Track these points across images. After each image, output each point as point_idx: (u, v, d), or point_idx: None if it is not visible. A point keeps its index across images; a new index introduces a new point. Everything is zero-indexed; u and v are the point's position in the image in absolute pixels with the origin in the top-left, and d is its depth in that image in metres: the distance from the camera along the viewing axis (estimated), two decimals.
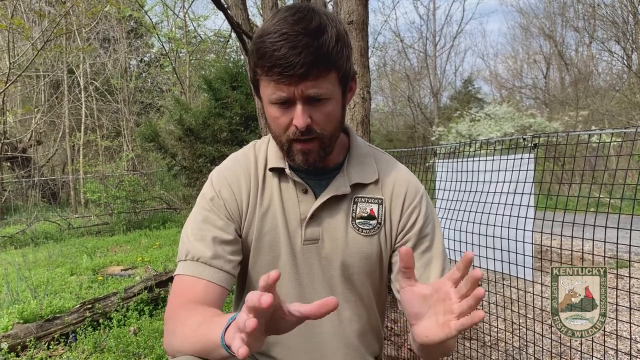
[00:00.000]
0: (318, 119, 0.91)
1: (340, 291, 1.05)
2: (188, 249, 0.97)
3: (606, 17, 15.53)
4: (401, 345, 2.79)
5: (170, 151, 7.01)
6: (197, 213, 1.02)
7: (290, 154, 0.96)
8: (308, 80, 0.85)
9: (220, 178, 1.04)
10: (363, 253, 1.03)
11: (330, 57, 0.86)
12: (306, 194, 1.03)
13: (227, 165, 1.08)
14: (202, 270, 0.94)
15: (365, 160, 1.08)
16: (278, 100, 0.89)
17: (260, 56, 0.87)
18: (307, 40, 0.84)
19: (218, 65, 7.94)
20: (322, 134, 0.93)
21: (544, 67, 20.23)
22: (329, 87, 0.89)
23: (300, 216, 1.02)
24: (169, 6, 15.02)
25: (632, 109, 14.33)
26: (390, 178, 1.07)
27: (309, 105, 0.89)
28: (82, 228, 8.86)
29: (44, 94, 14.91)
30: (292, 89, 0.86)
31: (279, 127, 0.93)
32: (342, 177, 1.04)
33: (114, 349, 2.74)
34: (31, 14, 12.20)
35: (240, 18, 3.22)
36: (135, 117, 16.29)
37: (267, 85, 0.89)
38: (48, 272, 4.98)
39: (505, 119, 12.40)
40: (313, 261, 1.03)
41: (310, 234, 1.02)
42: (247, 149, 1.10)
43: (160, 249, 6.22)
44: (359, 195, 1.04)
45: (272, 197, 1.03)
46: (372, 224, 1.03)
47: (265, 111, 0.96)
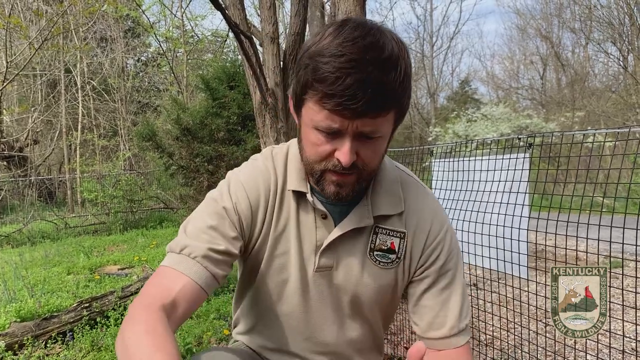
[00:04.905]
0: (364, 156, 0.83)
1: (348, 314, 1.03)
2: (186, 244, 0.89)
3: (602, 19, 15.59)
4: (397, 344, 2.80)
5: (167, 150, 7.00)
6: (206, 216, 0.93)
7: (320, 183, 0.88)
8: (366, 117, 0.77)
9: (239, 188, 0.95)
10: (377, 285, 0.99)
11: (395, 96, 0.77)
12: (325, 219, 0.96)
13: (247, 174, 0.98)
14: (191, 267, 0.87)
15: (392, 187, 0.99)
16: (326, 130, 0.80)
17: (319, 78, 0.76)
18: (377, 75, 0.73)
19: (215, 65, 7.93)
20: (363, 170, 0.85)
21: (541, 68, 20.29)
22: (385, 126, 0.81)
23: (316, 243, 0.96)
24: (167, 6, 14.99)
25: (627, 110, 14.38)
26: (415, 210, 0.99)
27: (358, 141, 0.81)
28: (79, 227, 8.84)
29: (41, 93, 14.87)
30: (346, 122, 0.77)
31: (317, 155, 0.84)
32: (365, 206, 0.96)
33: (111, 348, 2.75)
34: (28, 12, 12.17)
35: (238, 18, 3.22)
36: (132, 117, 16.25)
37: (317, 111, 0.79)
38: (45, 271, 4.97)
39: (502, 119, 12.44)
40: (324, 288, 1.00)
41: (324, 262, 0.97)
42: (266, 159, 1.00)
43: (157, 248, 6.22)
44: (381, 226, 0.97)
45: (289, 219, 0.97)
46: (391, 258, 0.98)
47: (303, 132, 0.86)
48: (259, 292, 1.03)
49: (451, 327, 0.96)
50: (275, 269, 0.98)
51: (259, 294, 1.04)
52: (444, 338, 0.97)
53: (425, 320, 0.98)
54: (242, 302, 1.12)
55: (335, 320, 1.03)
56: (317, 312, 1.01)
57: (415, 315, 1.00)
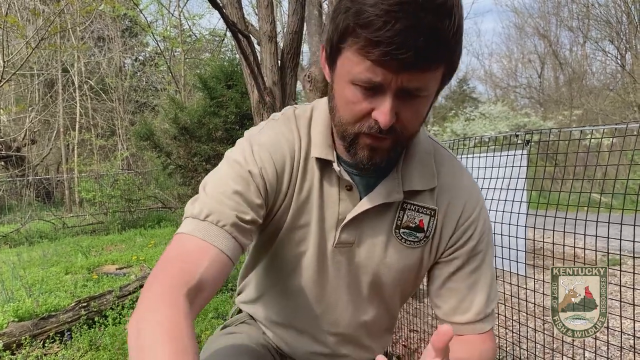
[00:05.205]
0: (405, 118, 0.74)
1: (366, 296, 0.96)
2: (211, 209, 0.79)
3: (600, 17, 15.63)
4: (395, 342, 2.81)
5: (165, 150, 7.00)
6: (231, 180, 0.82)
7: (353, 148, 0.79)
8: (414, 71, 0.67)
9: (264, 152, 0.85)
10: (401, 265, 0.92)
11: (449, 47, 0.67)
12: (350, 191, 0.87)
13: (271, 136, 0.88)
14: (218, 236, 0.77)
15: (426, 160, 0.90)
16: (366, 84, 0.70)
17: (363, 23, 0.65)
18: (431, 21, 0.63)
19: (213, 64, 7.93)
20: (401, 134, 0.76)
21: (539, 67, 20.34)
22: (433, 83, 0.72)
23: (339, 216, 0.88)
24: (164, 5, 14.97)
25: (625, 108, 14.42)
26: (449, 186, 0.91)
27: (400, 99, 0.71)
28: (77, 227, 8.83)
29: (38, 92, 14.85)
30: (390, 76, 0.67)
31: (351, 114, 0.75)
32: (395, 179, 0.87)
33: (109, 347, 2.74)
34: (25, 12, 12.14)
35: (235, 17, 3.21)
36: (130, 116, 16.24)
37: (357, 62, 0.69)
38: (43, 271, 4.96)
39: (500, 118, 12.48)
40: (342, 265, 0.92)
41: (345, 237, 0.89)
42: (289, 120, 0.90)
43: (155, 247, 6.22)
44: (410, 202, 0.88)
45: (312, 189, 0.88)
46: (418, 237, 0.90)
47: (338, 88, 0.76)
48: (273, 262, 0.97)
49: (477, 312, 0.90)
50: (294, 240, 0.91)
51: (272, 265, 0.98)
52: (469, 323, 0.91)
53: (449, 303, 0.92)
54: (253, 270, 1.06)
55: (350, 300, 0.96)
56: (332, 290, 0.95)
57: (439, 298, 0.94)
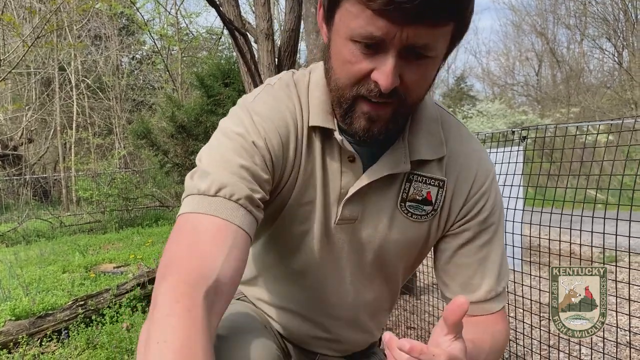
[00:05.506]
0: (409, 81, 0.66)
1: (369, 274, 0.90)
2: (222, 182, 0.68)
3: (597, 15, 15.65)
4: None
5: (162, 148, 6.99)
6: (233, 153, 0.72)
7: (349, 115, 0.71)
8: (420, 25, 0.59)
9: (266, 120, 0.75)
10: (406, 240, 0.85)
11: (461, 2, 0.60)
12: (352, 163, 0.79)
13: (270, 104, 0.78)
14: (235, 212, 0.68)
15: (433, 127, 0.82)
16: (366, 39, 0.62)
17: None
18: None
19: (210, 62, 7.90)
20: (403, 100, 0.68)
21: (536, 65, 20.37)
22: (441, 42, 0.64)
23: (340, 190, 0.80)
24: (161, 3, 14.93)
25: (622, 105, 14.46)
26: (458, 155, 0.83)
27: (404, 59, 0.63)
28: (74, 226, 8.81)
29: (35, 91, 14.80)
30: (393, 30, 0.59)
31: (349, 76, 0.67)
32: (401, 148, 0.79)
33: (106, 345, 2.74)
34: (22, 10, 12.09)
35: (232, 14, 3.21)
36: (127, 115, 16.20)
37: (357, 14, 0.61)
38: (40, 270, 4.95)
39: (498, 116, 12.49)
40: (344, 243, 0.85)
41: (347, 213, 0.81)
42: (288, 87, 0.81)
43: (153, 246, 6.21)
44: (417, 173, 0.81)
45: (315, 162, 0.80)
46: (425, 210, 0.82)
47: (334, 46, 0.68)
48: (272, 241, 0.90)
49: (488, 290, 0.84)
50: (297, 218, 0.83)
51: (271, 244, 0.90)
52: (479, 302, 0.84)
53: (458, 280, 0.85)
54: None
55: (352, 281, 0.90)
56: (334, 271, 0.88)
57: (447, 275, 0.87)
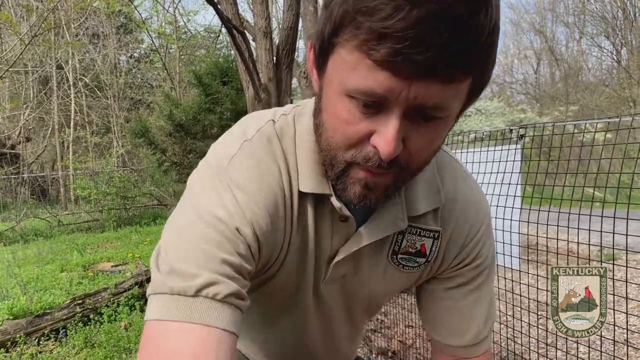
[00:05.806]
0: (414, 146, 0.54)
1: (355, 323, 0.89)
2: (204, 281, 0.56)
3: (596, 13, 15.66)
4: (392, 338, 2.81)
5: (160, 147, 6.98)
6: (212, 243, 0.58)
7: (341, 181, 0.59)
8: (432, 81, 0.48)
9: (253, 202, 0.62)
10: (396, 287, 0.80)
11: (480, 51, 0.48)
12: (344, 222, 0.69)
13: (256, 175, 0.63)
14: (220, 312, 0.56)
15: (428, 173, 0.72)
16: (364, 97, 0.50)
17: (365, 9, 0.46)
18: (461, 11, 0.44)
19: (208, 61, 7.88)
20: (405, 168, 0.57)
21: (535, 63, 20.39)
22: (456, 102, 0.52)
23: (330, 252, 0.71)
24: (159, 1, 14.88)
25: (621, 103, 14.48)
26: (454, 200, 0.74)
27: (411, 120, 0.52)
28: (72, 225, 8.81)
29: (33, 89, 14.76)
30: (399, 87, 0.48)
31: (343, 138, 0.55)
32: (398, 204, 0.69)
33: (104, 344, 2.74)
34: (19, 8, 12.05)
35: (230, 13, 3.20)
36: (125, 113, 16.18)
37: (354, 64, 0.49)
38: (38, 269, 4.94)
39: (496, 114, 12.48)
40: (333, 296, 0.79)
41: (336, 272, 0.74)
42: (270, 144, 0.67)
43: (151, 245, 6.21)
44: (411, 225, 0.72)
45: (307, 227, 0.69)
46: (418, 262, 0.75)
47: (327, 100, 0.56)
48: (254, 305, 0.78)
49: (476, 334, 0.80)
50: (287, 286, 0.75)
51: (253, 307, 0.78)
52: (467, 346, 0.81)
53: (446, 324, 0.81)
54: None
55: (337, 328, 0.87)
56: (322, 324, 0.84)
57: (434, 316, 0.82)
